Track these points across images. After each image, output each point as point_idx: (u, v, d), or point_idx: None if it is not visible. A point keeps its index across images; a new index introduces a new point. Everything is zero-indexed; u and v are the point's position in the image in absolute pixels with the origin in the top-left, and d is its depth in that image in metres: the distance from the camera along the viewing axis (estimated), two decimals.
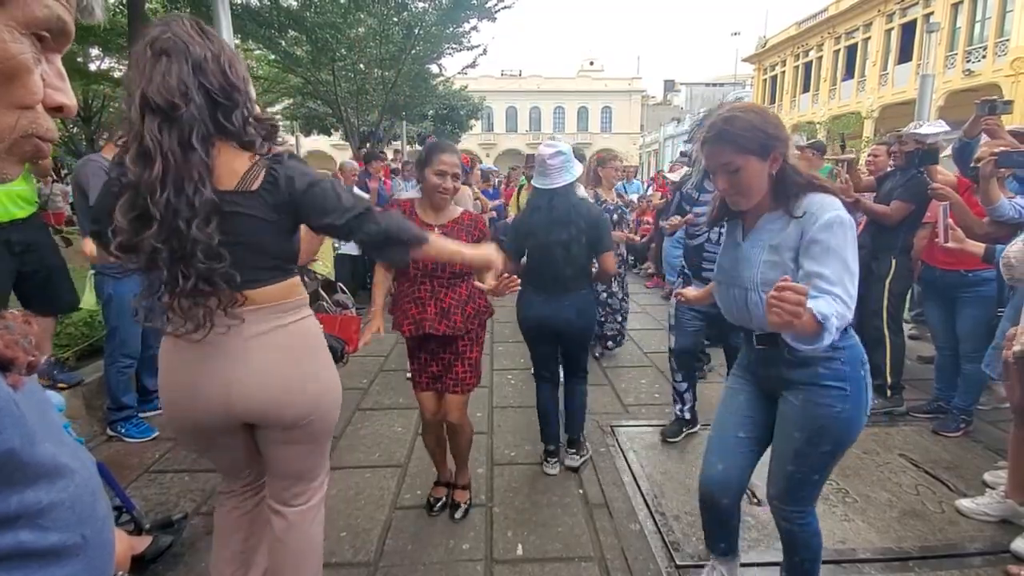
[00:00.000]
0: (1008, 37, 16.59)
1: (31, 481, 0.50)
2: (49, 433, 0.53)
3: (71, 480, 0.54)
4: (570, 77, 49.95)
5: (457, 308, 2.21)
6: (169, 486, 2.69)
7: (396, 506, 2.54)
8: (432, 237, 1.46)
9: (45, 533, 0.50)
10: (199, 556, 2.18)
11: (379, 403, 3.72)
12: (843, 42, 24.01)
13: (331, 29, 9.92)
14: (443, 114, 20.59)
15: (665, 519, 2.44)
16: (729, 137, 1.43)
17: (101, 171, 2.83)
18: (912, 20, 20.06)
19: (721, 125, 1.45)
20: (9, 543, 0.48)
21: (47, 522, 0.51)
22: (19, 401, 0.49)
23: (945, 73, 18.38)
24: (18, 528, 0.48)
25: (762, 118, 1.44)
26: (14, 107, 0.48)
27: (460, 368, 2.29)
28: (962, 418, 3.21)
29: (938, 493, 2.63)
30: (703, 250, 2.88)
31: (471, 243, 2.22)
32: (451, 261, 1.76)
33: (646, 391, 3.99)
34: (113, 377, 3.09)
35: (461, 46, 12.43)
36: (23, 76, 0.47)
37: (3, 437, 0.46)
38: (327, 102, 13.29)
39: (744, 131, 1.42)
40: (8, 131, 0.48)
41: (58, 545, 0.52)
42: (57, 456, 0.53)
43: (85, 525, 0.55)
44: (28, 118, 0.49)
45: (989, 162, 2.55)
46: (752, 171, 1.45)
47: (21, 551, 0.49)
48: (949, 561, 2.19)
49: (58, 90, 0.51)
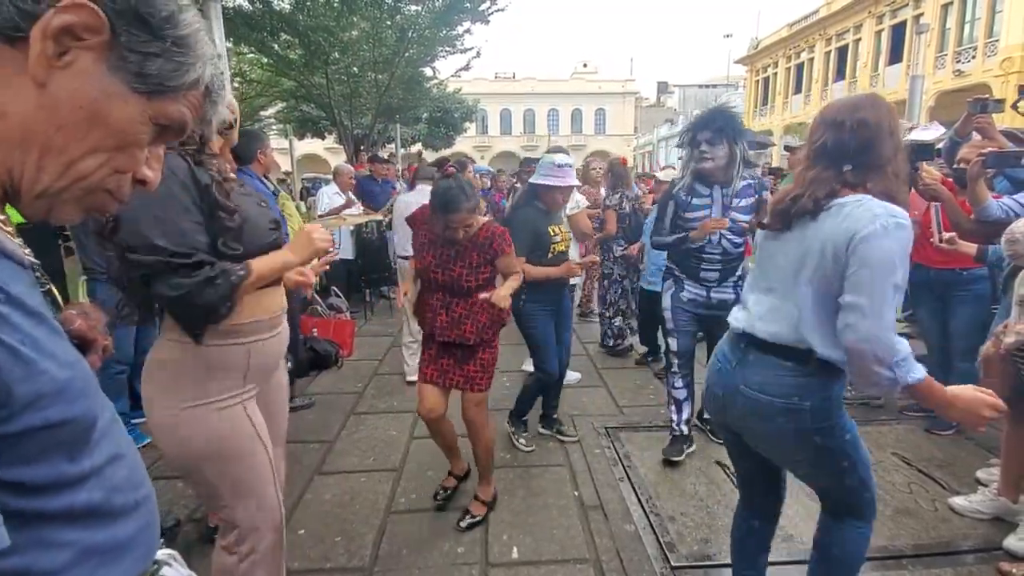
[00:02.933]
0: (998, 37, 16.75)
1: (100, 444, 0.58)
2: (108, 407, 0.62)
3: (128, 447, 0.63)
4: (564, 79, 50.04)
5: (468, 317, 2.24)
6: (161, 493, 2.66)
7: (391, 510, 2.53)
8: (252, 279, 1.29)
9: (112, 494, 0.58)
10: (192, 563, 2.14)
11: (374, 407, 3.71)
12: (834, 43, 24.18)
13: (324, 32, 9.90)
14: (437, 117, 20.57)
15: (660, 520, 2.44)
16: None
17: None
18: (902, 21, 20.23)
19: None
20: (86, 501, 0.55)
21: (111, 484, 0.58)
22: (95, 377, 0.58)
23: (935, 74, 18.54)
24: (92, 488, 0.56)
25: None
26: (113, 169, 0.57)
27: (472, 368, 2.32)
28: None
29: (931, 491, 2.65)
30: (702, 252, 2.87)
31: (483, 262, 2.21)
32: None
33: (641, 392, 3.99)
34: (106, 383, 2.99)
35: (454, 49, 12.42)
36: (133, 149, 0.58)
37: (90, 403, 0.55)
38: (320, 105, 13.26)
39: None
40: (97, 181, 0.56)
41: (122, 506, 0.59)
42: (115, 425, 0.62)
43: (138, 490, 0.63)
44: (116, 180, 0.58)
45: (976, 163, 2.58)
46: None
47: (95, 510, 0.56)
48: (942, 559, 2.20)
49: (151, 168, 0.62)
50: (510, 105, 47.55)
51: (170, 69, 0.56)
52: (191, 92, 0.60)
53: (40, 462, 0.50)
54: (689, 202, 2.90)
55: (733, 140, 2.74)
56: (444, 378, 2.33)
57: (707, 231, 2.80)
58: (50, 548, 0.52)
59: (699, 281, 2.92)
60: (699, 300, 2.93)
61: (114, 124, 0.55)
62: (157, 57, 0.55)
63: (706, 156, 2.75)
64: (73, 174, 0.54)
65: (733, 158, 2.76)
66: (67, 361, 0.52)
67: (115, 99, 0.54)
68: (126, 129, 0.56)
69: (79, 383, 0.53)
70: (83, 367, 0.55)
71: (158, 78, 0.56)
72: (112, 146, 0.56)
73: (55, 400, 0.49)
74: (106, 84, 0.53)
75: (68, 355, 0.53)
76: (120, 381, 3.11)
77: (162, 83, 0.56)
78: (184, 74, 0.58)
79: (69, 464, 0.53)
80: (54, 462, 0.51)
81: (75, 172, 0.54)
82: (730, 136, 2.73)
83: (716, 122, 2.74)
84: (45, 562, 0.51)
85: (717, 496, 2.62)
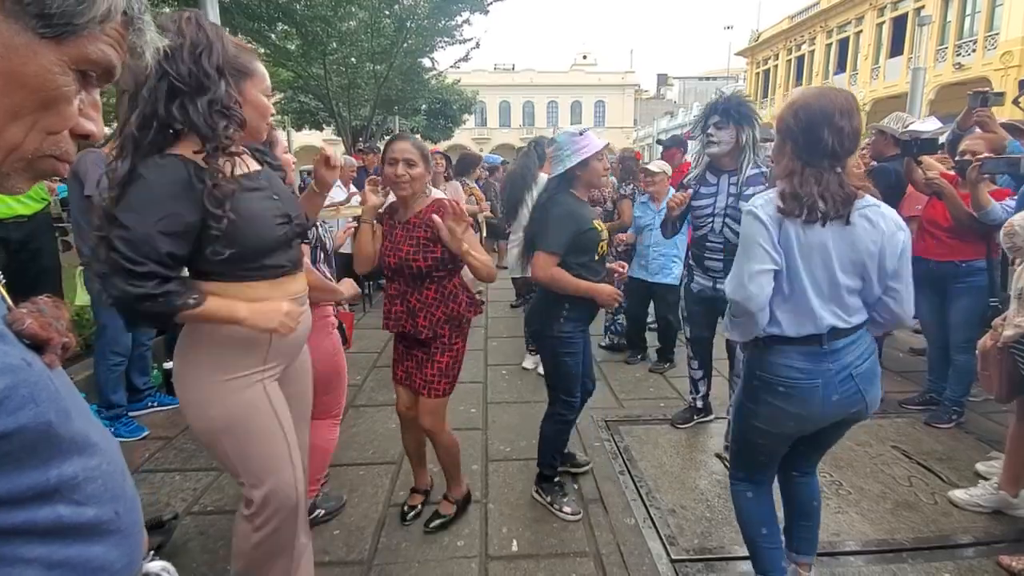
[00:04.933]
0: (998, 31, 16.69)
1: (66, 456, 0.52)
2: (80, 411, 0.56)
3: (102, 457, 0.57)
4: (563, 71, 49.78)
5: (421, 310, 2.10)
6: (160, 486, 2.66)
7: (391, 503, 2.53)
8: (198, 311, 1.28)
9: (81, 508, 0.53)
10: (191, 556, 2.16)
11: (372, 400, 3.70)
12: (835, 36, 24.05)
13: (321, 22, 9.81)
14: (436, 108, 20.47)
15: (661, 513, 2.43)
16: None
17: (100, 162, 2.78)
18: (903, 14, 20.12)
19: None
20: (49, 517, 0.51)
21: (82, 497, 0.53)
22: (53, 379, 0.53)
23: (936, 67, 18.46)
24: (56, 502, 0.51)
25: None
26: (44, 131, 0.52)
27: (429, 371, 2.15)
28: (954, 409, 3.24)
29: (931, 484, 2.65)
30: (706, 240, 2.87)
31: (431, 239, 2.04)
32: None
33: (641, 386, 3.98)
34: (103, 375, 3.05)
35: (453, 39, 12.33)
36: (60, 105, 0.52)
37: (40, 410, 0.49)
38: (318, 96, 13.17)
39: None
40: (32, 150, 0.52)
41: (94, 520, 0.55)
42: (88, 433, 0.56)
43: (117, 502, 0.58)
44: (52, 141, 0.53)
45: (975, 168, 2.58)
46: None
47: (61, 525, 0.52)
48: (942, 552, 2.20)
49: (89, 119, 0.56)
50: (509, 97, 47.32)
51: (74, 3, 0.49)
52: (107, 25, 0.53)
53: None
54: (698, 191, 2.91)
55: (740, 125, 2.70)
56: (408, 379, 2.24)
57: (671, 207, 2.94)
58: (11, 565, 0.48)
59: (705, 271, 2.91)
60: (706, 292, 2.92)
61: (30, 81, 0.49)
62: None
63: (712, 140, 2.76)
64: (2, 146, 0.49)
65: (740, 144, 2.73)
66: (5, 367, 0.47)
67: (22, 52, 0.48)
68: (44, 84, 0.50)
69: (24, 389, 0.48)
70: (29, 371, 0.50)
71: (63, 16, 0.49)
72: (34, 106, 0.50)
73: None
74: (8, 36, 0.47)
75: (8, 359, 0.48)
76: (117, 373, 3.10)
77: (69, 21, 0.49)
78: (92, 5, 0.50)
79: (25, 477, 0.48)
80: (5, 476, 0.47)
81: (3, 144, 0.49)
82: (736, 120, 2.70)
83: (724, 105, 2.73)
84: None
85: (717, 490, 2.62)
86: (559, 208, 2.28)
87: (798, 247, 1.50)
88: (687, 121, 32.48)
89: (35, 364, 0.52)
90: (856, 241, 1.50)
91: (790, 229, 1.50)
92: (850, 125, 1.46)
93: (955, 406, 3.24)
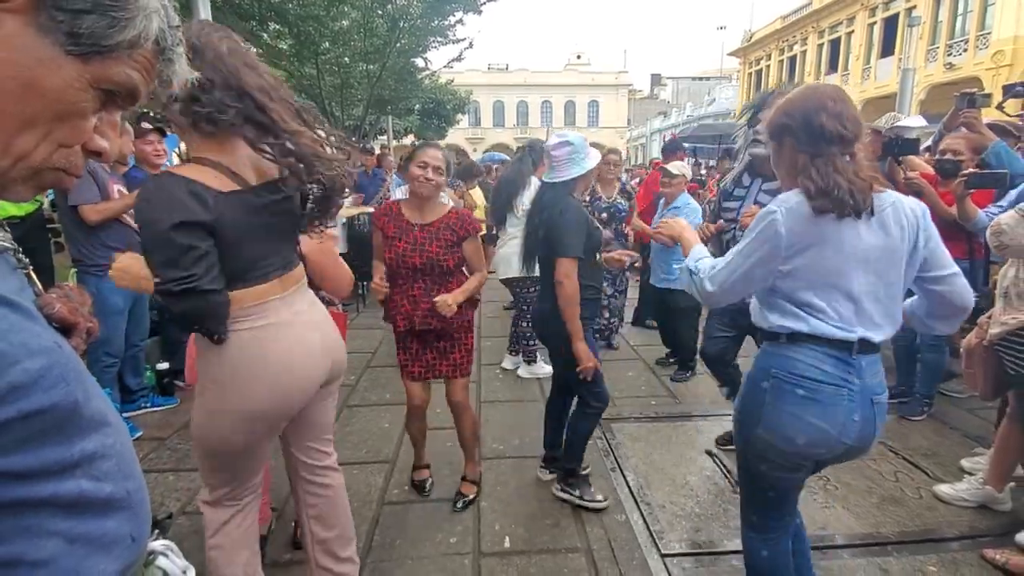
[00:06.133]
0: (989, 30, 16.78)
1: (87, 433, 0.55)
2: (96, 392, 0.59)
3: (116, 436, 0.60)
4: (557, 71, 49.85)
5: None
6: (154, 486, 2.66)
7: (384, 501, 2.55)
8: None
9: (100, 483, 0.56)
10: (186, 555, 2.15)
11: (366, 399, 3.72)
12: (827, 36, 24.19)
13: (314, 22, 9.79)
14: (429, 108, 20.46)
15: (651, 509, 2.47)
16: None
17: (85, 171, 2.78)
18: (895, 14, 20.24)
19: None
20: (73, 491, 0.53)
21: (99, 473, 0.56)
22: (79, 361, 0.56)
23: (927, 67, 18.59)
24: (79, 477, 0.54)
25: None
26: (56, 142, 0.53)
27: (457, 355, 2.40)
28: (925, 402, 3.36)
29: (916, 479, 2.69)
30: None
31: (455, 242, 2.26)
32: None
33: (634, 384, 4.02)
34: (96, 376, 3.02)
35: (447, 39, 12.33)
36: (75, 119, 0.53)
37: (70, 389, 0.52)
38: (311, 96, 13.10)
39: None
40: (41, 160, 0.53)
41: (109, 496, 0.57)
42: (105, 413, 0.59)
43: (128, 480, 0.61)
44: (63, 153, 0.54)
45: (959, 184, 2.62)
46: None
47: (83, 499, 0.54)
48: (927, 546, 2.24)
49: (104, 137, 0.58)
50: (503, 97, 47.33)
51: (104, 26, 0.51)
52: (136, 51, 0.55)
53: (20, 451, 0.48)
54: (731, 192, 2.69)
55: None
56: (430, 372, 2.40)
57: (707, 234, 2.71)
58: (37, 537, 0.51)
59: None
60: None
61: (49, 93, 0.50)
62: (88, 13, 0.50)
63: (759, 139, 2.38)
64: (13, 153, 0.51)
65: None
66: (41, 348, 0.50)
67: (47, 65, 0.49)
68: (63, 97, 0.51)
69: (57, 370, 0.51)
70: (61, 353, 0.53)
71: (92, 37, 0.51)
72: (50, 117, 0.51)
73: (30, 390, 0.48)
74: (36, 49, 0.49)
75: (43, 341, 0.51)
76: (110, 374, 3.09)
77: (97, 42, 0.51)
78: (121, 31, 0.52)
79: (53, 452, 0.51)
80: (36, 451, 0.49)
81: (14, 151, 0.51)
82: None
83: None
84: (33, 551, 0.50)
85: (707, 485, 2.66)
86: (572, 213, 2.30)
87: (830, 247, 1.33)
88: (680, 121, 32.63)
89: (64, 346, 0.55)
90: (891, 243, 1.36)
91: (824, 226, 1.33)
92: (847, 109, 1.34)
93: (926, 399, 3.36)
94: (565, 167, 2.33)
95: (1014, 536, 2.17)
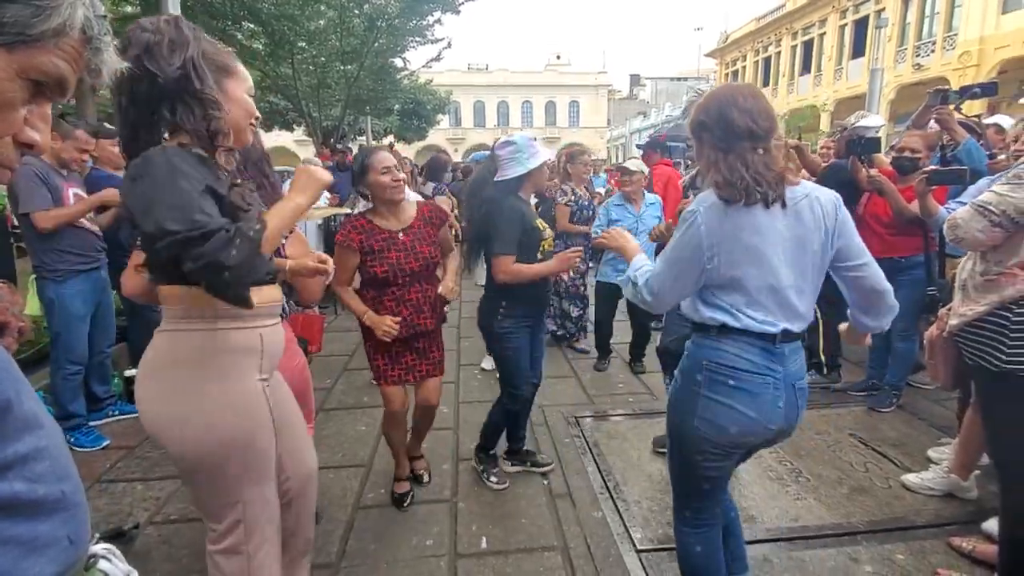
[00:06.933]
0: (956, 32, 17.29)
1: (20, 434, 0.55)
2: (28, 392, 0.59)
3: (50, 438, 0.60)
4: (537, 71, 49.92)
5: (437, 300, 2.35)
6: (121, 496, 2.59)
7: (359, 506, 2.52)
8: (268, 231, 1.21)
9: (34, 485, 0.55)
10: (153, 565, 2.12)
11: (343, 403, 3.67)
12: (800, 38, 24.66)
13: (288, 21, 9.69)
14: (409, 109, 20.34)
15: (627, 505, 2.48)
16: None
17: (32, 177, 2.71)
18: (865, 16, 20.72)
19: None
20: (5, 492, 0.52)
21: (32, 475, 0.55)
22: (11, 360, 0.56)
23: (896, 67, 19.07)
24: (11, 478, 0.53)
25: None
26: None
27: (436, 352, 2.43)
28: (893, 394, 3.43)
29: (885, 469, 2.75)
30: None
31: (434, 234, 2.30)
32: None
33: (610, 382, 4.04)
34: (59, 385, 2.97)
35: (425, 39, 12.29)
36: (3, 111, 0.53)
37: (2, 388, 0.52)
38: (287, 96, 12.98)
39: None
40: None
41: (43, 498, 0.57)
42: (37, 413, 0.59)
43: (63, 481, 0.60)
44: None
45: (921, 180, 2.68)
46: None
47: (15, 502, 0.53)
48: (895, 534, 2.28)
49: (36, 129, 0.57)
50: (483, 97, 47.24)
51: (28, 15, 0.50)
52: (63, 40, 0.54)
53: None
54: (688, 189, 2.99)
55: None
56: (410, 374, 2.38)
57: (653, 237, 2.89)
58: None
59: None
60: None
61: None
62: (11, 3, 0.50)
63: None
64: None
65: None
66: None
67: None
68: None
69: None
70: None
71: (16, 26, 0.50)
72: None
73: None
74: None
75: None
76: (75, 382, 3.01)
77: (22, 31, 0.50)
78: (46, 19, 0.51)
79: None
80: None
81: None
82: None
83: None
84: None
85: None
86: (504, 210, 2.34)
87: (745, 236, 1.38)
88: (659, 121, 32.94)
89: None
90: (806, 233, 1.41)
91: (737, 217, 1.38)
92: (757, 105, 1.40)
93: (895, 391, 3.43)
94: (508, 166, 2.35)
95: (980, 524, 2.23)
